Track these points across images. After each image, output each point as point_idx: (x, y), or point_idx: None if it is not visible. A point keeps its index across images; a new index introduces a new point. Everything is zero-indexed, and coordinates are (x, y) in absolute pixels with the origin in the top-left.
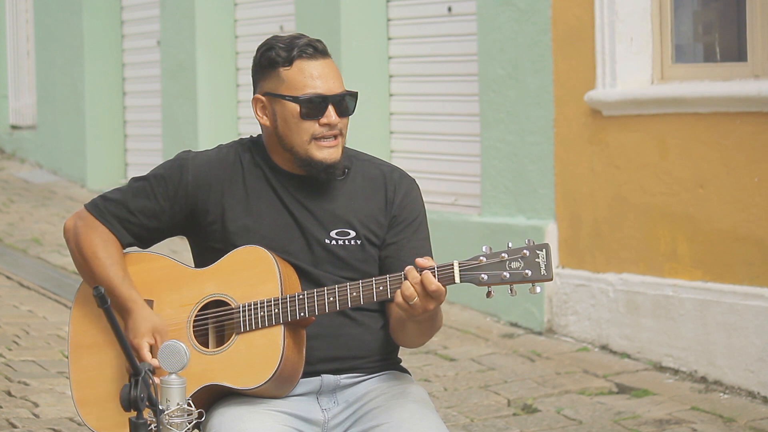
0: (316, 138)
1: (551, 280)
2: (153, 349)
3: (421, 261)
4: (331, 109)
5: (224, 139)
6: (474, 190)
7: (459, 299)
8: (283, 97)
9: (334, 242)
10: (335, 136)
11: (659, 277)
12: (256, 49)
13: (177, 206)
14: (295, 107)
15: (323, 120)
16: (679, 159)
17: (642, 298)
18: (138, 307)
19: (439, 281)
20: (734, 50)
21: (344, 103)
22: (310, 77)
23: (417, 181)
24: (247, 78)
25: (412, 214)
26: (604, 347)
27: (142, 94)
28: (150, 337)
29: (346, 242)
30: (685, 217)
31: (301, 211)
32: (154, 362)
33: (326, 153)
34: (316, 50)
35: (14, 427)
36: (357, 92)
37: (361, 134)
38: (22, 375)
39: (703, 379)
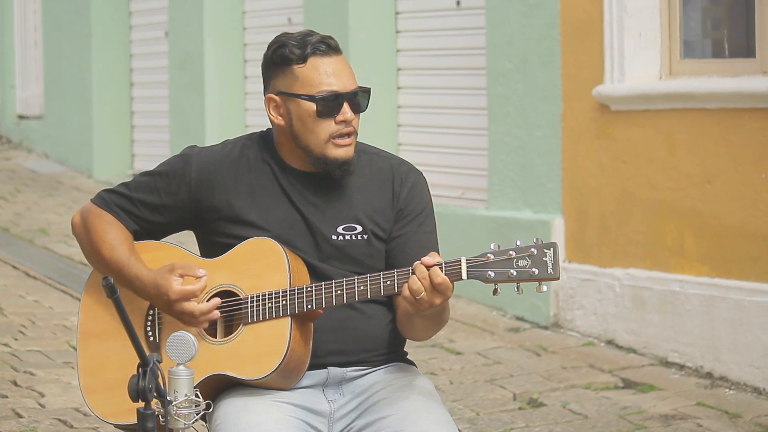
0: (332, 137)
1: (558, 279)
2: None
3: (428, 259)
4: (346, 106)
5: (232, 130)
6: (481, 184)
7: (465, 293)
8: (299, 96)
9: (340, 238)
10: (349, 134)
11: (666, 273)
12: (267, 45)
13: (180, 202)
14: (312, 106)
15: (339, 117)
16: (686, 154)
17: (648, 293)
18: (145, 274)
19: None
20: (743, 46)
21: (357, 100)
22: (325, 74)
23: (424, 175)
24: (254, 70)
25: (418, 207)
26: (610, 342)
27: (150, 85)
28: (174, 276)
29: (353, 237)
30: (692, 213)
31: (308, 207)
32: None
33: (342, 151)
34: (329, 47)
35: (20, 417)
36: (370, 89)
37: (369, 127)
38: (28, 365)
39: (709, 375)
